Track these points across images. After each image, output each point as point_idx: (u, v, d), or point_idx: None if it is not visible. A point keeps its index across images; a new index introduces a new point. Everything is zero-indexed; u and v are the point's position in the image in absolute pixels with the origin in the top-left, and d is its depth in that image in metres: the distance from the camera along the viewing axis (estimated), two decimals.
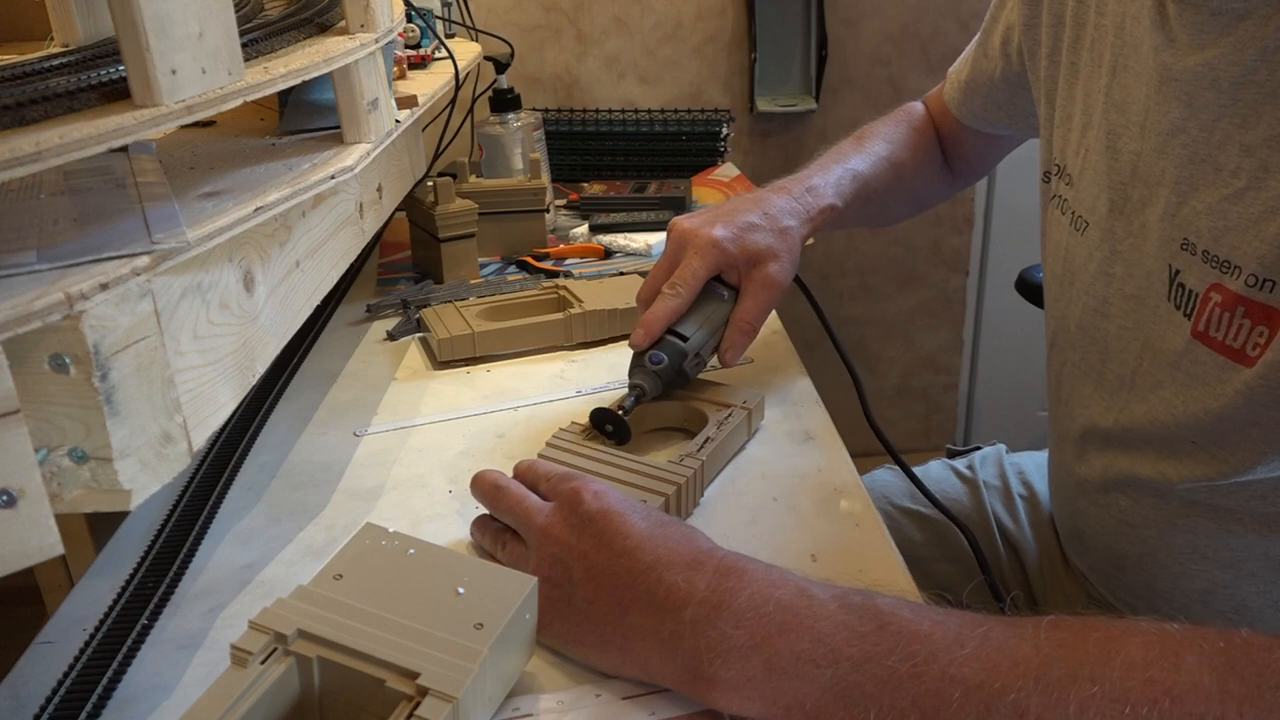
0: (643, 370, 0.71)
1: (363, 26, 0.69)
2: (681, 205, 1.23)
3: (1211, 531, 0.62)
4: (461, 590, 0.49)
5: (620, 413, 0.68)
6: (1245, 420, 0.56)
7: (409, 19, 1.05)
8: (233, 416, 0.77)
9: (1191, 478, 0.61)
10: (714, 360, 0.75)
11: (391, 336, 0.94)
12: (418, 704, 0.43)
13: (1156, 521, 0.65)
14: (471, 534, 0.63)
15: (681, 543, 0.51)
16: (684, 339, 0.71)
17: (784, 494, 0.67)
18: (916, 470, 0.95)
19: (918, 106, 0.97)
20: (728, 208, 0.77)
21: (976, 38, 0.88)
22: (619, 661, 0.51)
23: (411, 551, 0.52)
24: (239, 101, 0.50)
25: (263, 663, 0.45)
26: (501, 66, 1.26)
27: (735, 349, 0.73)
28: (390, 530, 0.53)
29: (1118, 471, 0.67)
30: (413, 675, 0.44)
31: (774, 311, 0.97)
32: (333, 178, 0.60)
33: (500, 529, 0.60)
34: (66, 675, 0.51)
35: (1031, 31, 0.77)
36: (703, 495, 0.67)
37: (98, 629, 0.55)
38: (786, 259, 0.75)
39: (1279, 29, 0.52)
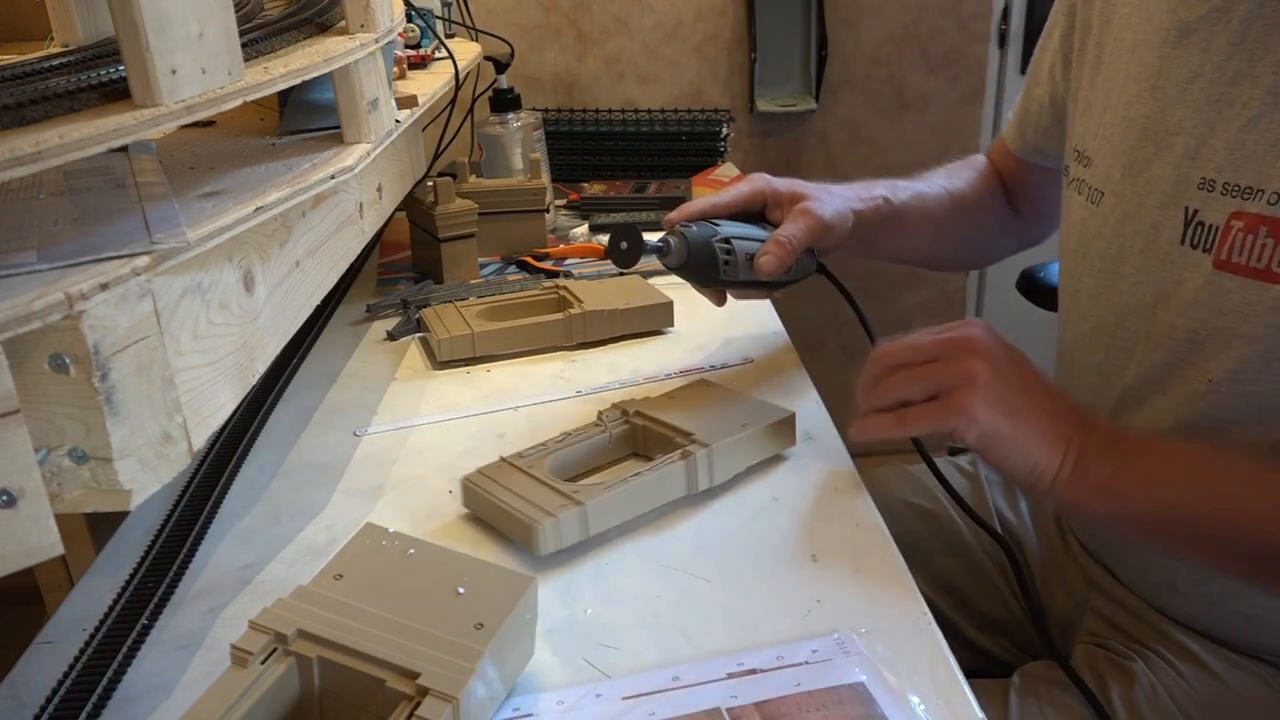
0: (672, 232, 0.72)
1: (363, 26, 0.69)
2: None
3: None
4: (461, 590, 0.49)
5: (640, 235, 0.70)
6: (1276, 339, 0.58)
7: (409, 19, 1.05)
8: (233, 416, 0.77)
9: (1211, 421, 0.63)
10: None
11: (391, 336, 0.94)
12: (418, 704, 0.43)
13: None
14: (872, 437, 0.62)
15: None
16: (717, 225, 0.73)
17: (784, 494, 0.67)
18: (917, 469, 0.95)
19: (979, 156, 0.99)
20: None
21: (1028, 73, 0.91)
22: (1036, 427, 0.59)
23: (411, 551, 0.52)
24: (239, 101, 0.50)
25: (263, 663, 0.45)
26: (501, 66, 1.26)
27: (771, 255, 0.73)
28: (390, 530, 0.53)
29: (1135, 429, 0.68)
30: (413, 675, 0.44)
31: (773, 310, 0.97)
32: (333, 178, 0.60)
33: (899, 414, 0.61)
34: (66, 675, 0.51)
35: (1066, 40, 0.80)
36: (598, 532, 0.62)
37: (98, 629, 0.55)
38: (829, 204, 0.77)
39: None
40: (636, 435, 0.71)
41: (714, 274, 0.73)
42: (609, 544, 0.62)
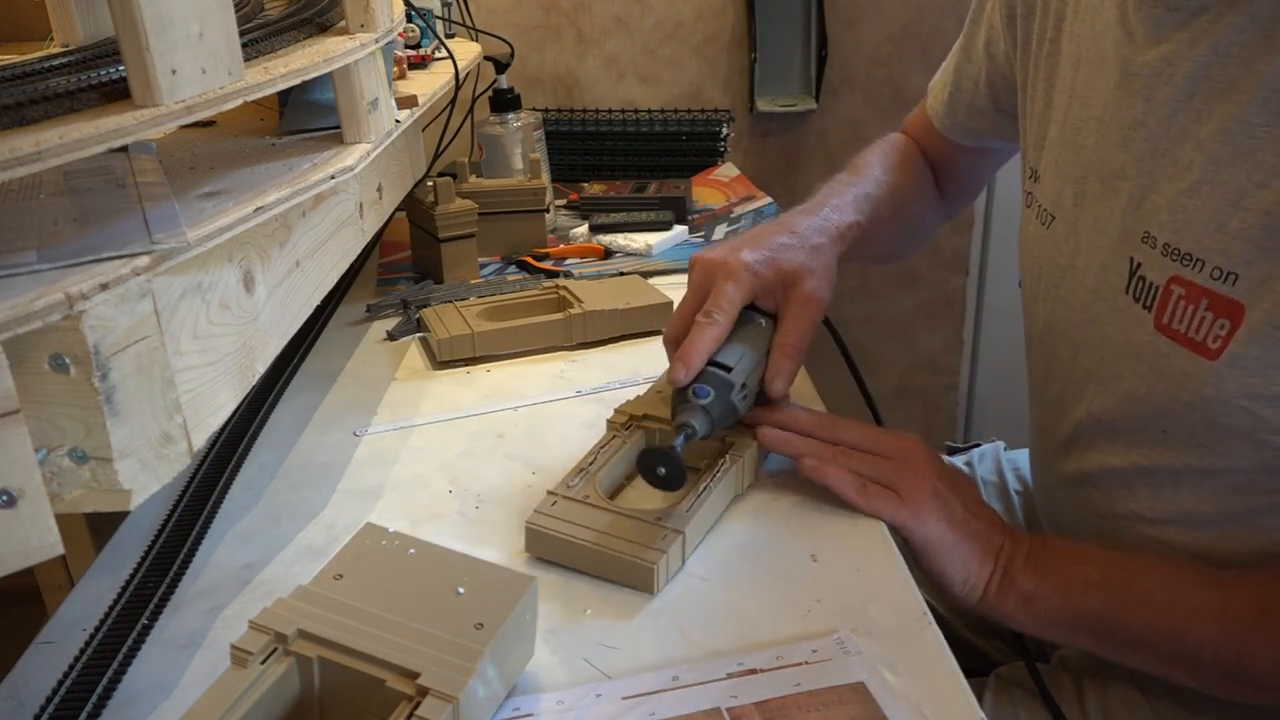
0: (689, 407, 0.63)
1: (363, 26, 0.69)
2: (681, 205, 1.23)
3: (1178, 529, 0.63)
4: (461, 590, 0.49)
5: (675, 451, 0.59)
6: (1215, 411, 0.57)
7: (409, 19, 1.05)
8: (233, 416, 0.77)
9: (1161, 467, 0.62)
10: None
11: (391, 336, 0.94)
12: (418, 704, 0.43)
13: (1126, 515, 0.66)
14: (830, 483, 0.64)
15: None
16: (728, 369, 0.64)
17: (784, 494, 0.67)
18: None
19: (898, 135, 0.96)
20: (751, 233, 0.73)
21: (957, 45, 0.88)
22: (973, 538, 0.62)
23: (411, 551, 0.52)
24: (239, 101, 0.50)
25: (263, 663, 0.45)
26: (501, 66, 1.26)
27: (783, 376, 0.67)
28: (390, 530, 0.53)
29: (1090, 464, 0.68)
30: (413, 675, 0.44)
31: None
32: (333, 178, 0.60)
33: (863, 482, 0.64)
34: (66, 675, 0.51)
35: (1010, 27, 0.78)
36: (691, 554, 0.61)
37: (98, 629, 0.55)
38: (822, 275, 0.70)
39: (1230, 26, 0.54)
40: (651, 441, 0.70)
41: (736, 417, 0.66)
42: None
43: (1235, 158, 0.54)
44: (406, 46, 1.06)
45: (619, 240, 1.16)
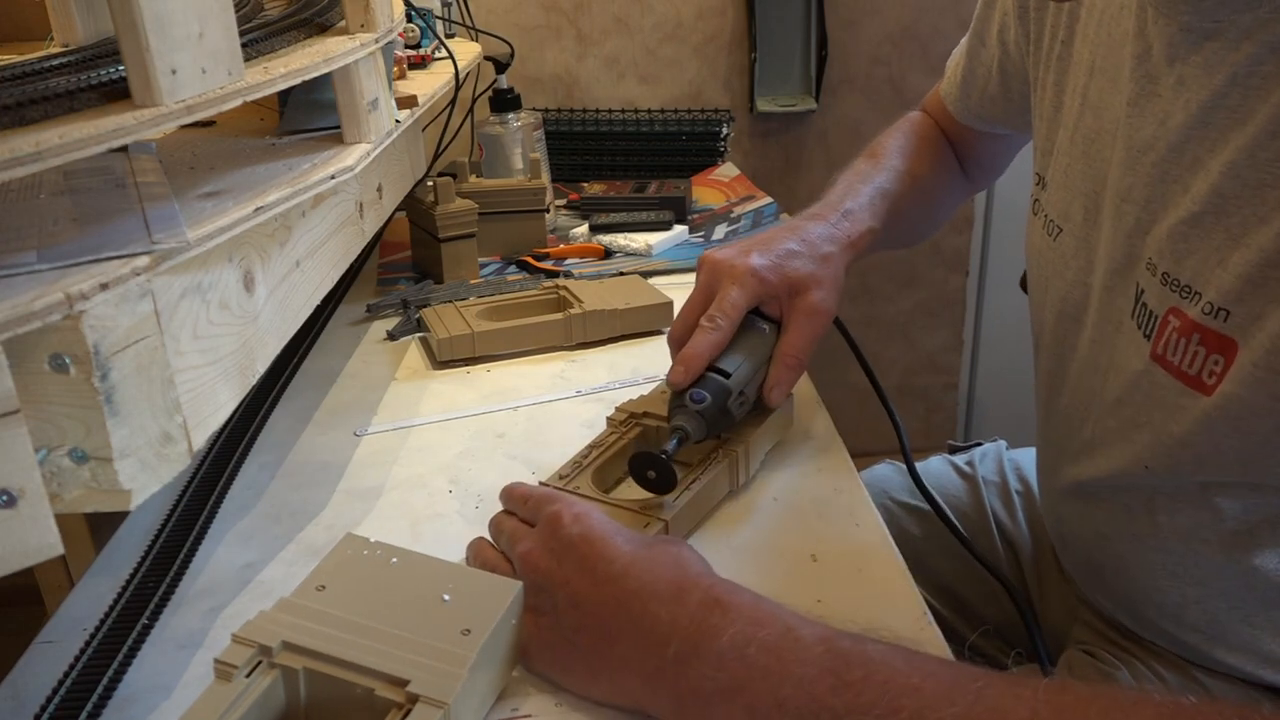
0: (684, 411, 0.64)
1: (363, 26, 0.69)
2: (681, 205, 1.23)
3: (1180, 551, 0.62)
4: (447, 597, 0.49)
5: (664, 456, 0.60)
6: (1206, 448, 0.55)
7: (409, 19, 1.05)
8: (233, 416, 0.77)
9: (1154, 489, 0.61)
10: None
11: (391, 336, 0.94)
12: (408, 711, 0.42)
13: (1127, 536, 0.65)
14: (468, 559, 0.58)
15: (669, 568, 0.49)
16: (726, 375, 0.65)
17: (784, 494, 0.67)
18: (917, 465, 0.94)
19: (917, 114, 0.94)
20: (762, 236, 0.72)
21: (971, 29, 0.86)
22: (609, 691, 0.49)
23: (394, 560, 0.52)
24: (239, 101, 0.50)
25: (247, 676, 0.45)
26: (501, 66, 1.26)
27: (781, 385, 0.67)
28: (371, 540, 0.53)
29: (1093, 482, 0.66)
30: (402, 683, 0.44)
31: None
32: (333, 178, 0.60)
33: (498, 555, 0.57)
34: (67, 675, 0.51)
35: (1022, 19, 0.76)
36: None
37: (98, 629, 0.55)
38: (830, 286, 0.70)
39: (1249, 56, 0.51)
40: (649, 438, 0.70)
41: (730, 422, 0.66)
42: None
43: (1241, 191, 0.52)
44: (406, 46, 1.06)
45: (619, 240, 1.16)
